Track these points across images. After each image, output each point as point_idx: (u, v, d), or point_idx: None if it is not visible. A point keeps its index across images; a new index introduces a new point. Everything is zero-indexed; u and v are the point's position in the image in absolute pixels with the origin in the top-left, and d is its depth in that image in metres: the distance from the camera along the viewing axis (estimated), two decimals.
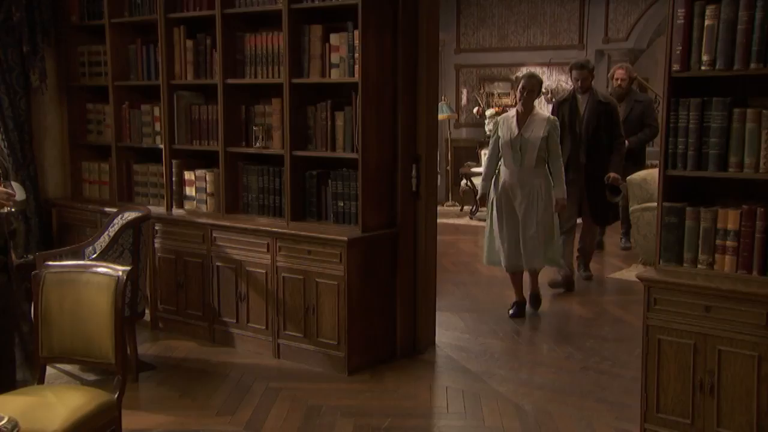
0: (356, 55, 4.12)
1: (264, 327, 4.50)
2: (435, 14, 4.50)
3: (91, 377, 4.10)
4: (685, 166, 3.10)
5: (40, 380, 2.88)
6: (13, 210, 3.16)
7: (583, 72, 5.91)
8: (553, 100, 7.31)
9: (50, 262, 3.02)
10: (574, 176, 5.72)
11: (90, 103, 5.49)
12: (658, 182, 3.21)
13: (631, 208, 6.82)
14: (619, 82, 6.79)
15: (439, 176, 7.01)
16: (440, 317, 4.84)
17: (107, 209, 5.10)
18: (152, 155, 5.23)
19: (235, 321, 4.63)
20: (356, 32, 4.10)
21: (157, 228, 4.89)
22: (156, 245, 4.89)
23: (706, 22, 2.95)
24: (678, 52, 3.04)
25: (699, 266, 3.11)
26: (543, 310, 5.49)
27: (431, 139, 4.55)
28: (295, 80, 4.33)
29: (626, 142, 6.15)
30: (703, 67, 2.99)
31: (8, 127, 5.06)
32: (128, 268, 2.81)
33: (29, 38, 4.98)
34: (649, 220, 6.62)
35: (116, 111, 5.20)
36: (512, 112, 5.29)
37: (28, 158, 5.22)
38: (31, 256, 5.02)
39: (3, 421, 1.80)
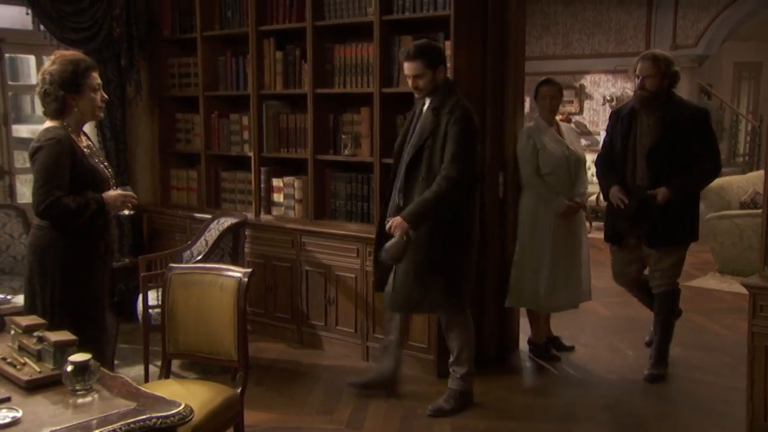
0: (447, 65, 4.21)
1: (353, 330, 4.61)
2: (522, 25, 4.58)
3: (192, 375, 4.25)
4: None
5: (166, 375, 3.04)
6: (132, 213, 3.30)
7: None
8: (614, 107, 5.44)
9: (174, 264, 3.17)
10: None
11: (179, 112, 5.71)
12: (764, 190, 3.21)
13: (707, 217, 6.75)
14: (639, 80, 4.12)
15: None
16: (523, 323, 4.87)
17: (197, 215, 5.30)
18: (238, 162, 5.41)
19: (323, 324, 4.76)
20: (447, 43, 4.19)
21: (246, 233, 5.05)
22: (246, 250, 5.05)
23: None
24: None
25: None
26: (623, 315, 5.45)
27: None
28: (386, 90, 4.45)
29: (657, 192, 4.05)
30: None
31: (106, 136, 5.30)
32: (249, 270, 2.94)
33: (127, 52, 5.22)
34: (727, 228, 6.57)
35: (206, 120, 5.40)
36: (540, 122, 4.45)
37: (123, 166, 5.45)
38: (126, 260, 5.24)
39: (180, 407, 1.93)
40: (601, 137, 5.73)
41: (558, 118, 4.68)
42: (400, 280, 3.70)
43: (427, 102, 3.72)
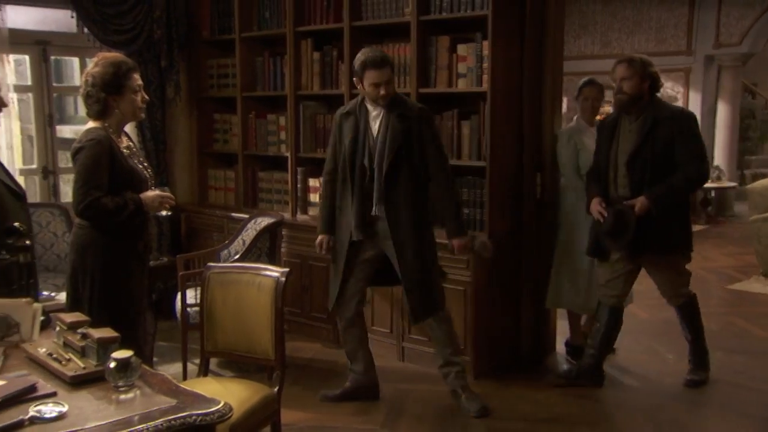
0: (484, 65, 4.19)
1: (389, 330, 4.61)
2: (561, 24, 4.54)
3: (229, 373, 4.29)
4: None
5: (204, 373, 3.07)
6: (170, 213, 3.34)
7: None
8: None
9: (212, 263, 3.20)
10: None
11: (217, 113, 5.78)
12: None
13: (751, 218, 6.61)
14: (617, 84, 4.03)
15: None
16: (561, 324, 4.82)
17: (234, 215, 5.35)
18: (275, 163, 5.45)
19: None
20: (485, 42, 4.17)
21: (282, 233, 5.08)
22: (282, 249, 5.09)
23: None
24: None
25: None
26: (662, 318, 5.35)
27: (555, 147, 4.55)
28: (422, 90, 4.43)
29: (641, 200, 3.84)
30: None
31: (146, 136, 5.39)
32: (287, 270, 2.95)
33: (167, 54, 5.30)
34: None
35: (243, 121, 5.45)
36: (581, 123, 4.51)
37: (162, 166, 5.53)
38: (165, 259, 5.32)
39: (219, 405, 1.95)
40: None
41: (598, 118, 4.63)
42: (415, 288, 3.71)
43: (379, 109, 3.68)
